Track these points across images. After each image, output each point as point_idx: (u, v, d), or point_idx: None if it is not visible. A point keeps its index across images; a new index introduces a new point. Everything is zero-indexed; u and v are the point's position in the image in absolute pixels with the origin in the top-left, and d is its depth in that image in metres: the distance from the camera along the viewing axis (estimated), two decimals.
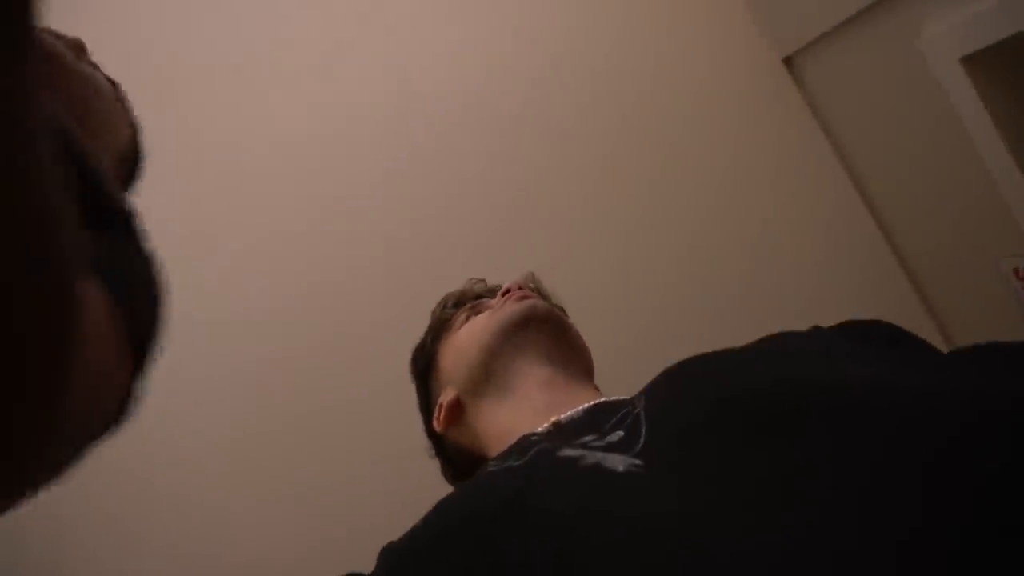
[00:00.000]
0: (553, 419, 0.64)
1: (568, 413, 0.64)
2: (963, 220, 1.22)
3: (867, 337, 0.63)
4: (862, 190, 1.41)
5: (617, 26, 1.42)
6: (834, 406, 0.44)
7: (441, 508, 0.54)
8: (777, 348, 0.64)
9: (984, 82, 1.05)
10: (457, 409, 0.79)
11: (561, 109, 1.37)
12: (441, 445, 0.85)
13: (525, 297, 0.80)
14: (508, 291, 0.82)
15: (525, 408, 0.70)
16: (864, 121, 1.35)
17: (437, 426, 0.81)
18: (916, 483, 0.37)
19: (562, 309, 0.88)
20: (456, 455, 0.82)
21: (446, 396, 0.80)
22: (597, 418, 0.59)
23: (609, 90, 1.39)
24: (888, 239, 1.38)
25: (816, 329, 0.67)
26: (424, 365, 0.88)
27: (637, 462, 0.48)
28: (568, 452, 0.53)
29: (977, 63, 1.06)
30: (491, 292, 0.91)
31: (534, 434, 0.62)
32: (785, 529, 0.37)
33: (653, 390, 0.60)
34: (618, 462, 0.49)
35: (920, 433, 0.39)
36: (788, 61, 1.44)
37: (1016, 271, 1.10)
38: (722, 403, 0.49)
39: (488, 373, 0.75)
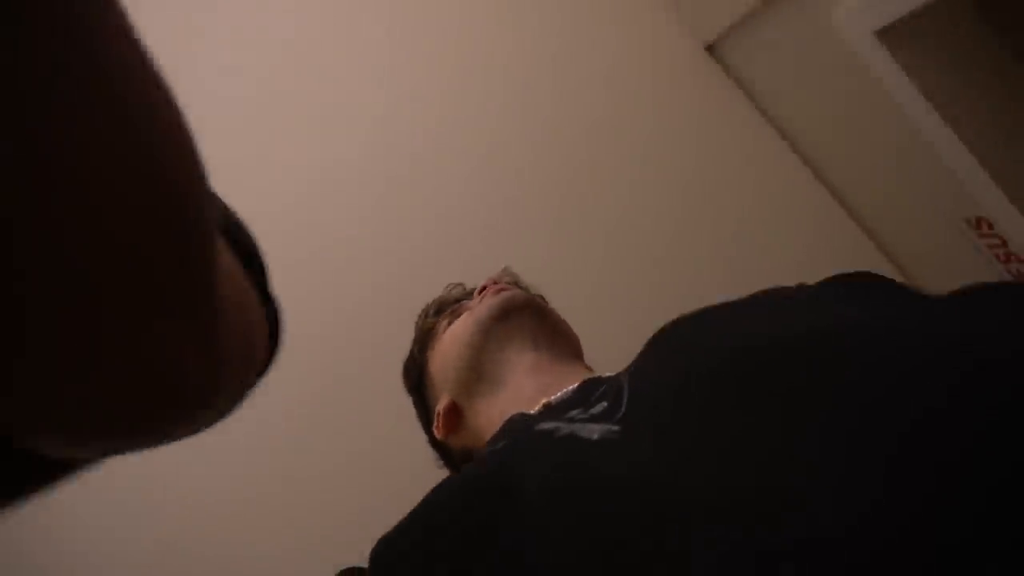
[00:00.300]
0: (543, 401, 0.63)
1: (558, 394, 0.63)
2: (913, 183, 1.26)
3: (853, 283, 0.63)
4: (810, 164, 1.44)
5: (542, 32, 1.44)
6: (823, 358, 0.44)
7: (431, 496, 0.53)
8: (766, 304, 0.63)
9: (902, 53, 1.08)
10: (454, 413, 0.78)
11: (492, 109, 1.37)
12: (447, 453, 0.83)
13: (502, 290, 0.80)
14: (484, 288, 0.82)
15: (517, 397, 0.69)
16: (799, 101, 1.39)
17: (438, 434, 0.80)
18: (910, 440, 0.35)
19: (542, 298, 0.88)
20: (462, 460, 0.80)
21: (442, 403, 0.79)
22: (586, 394, 0.59)
23: (539, 95, 1.40)
24: (843, 205, 1.43)
25: (801, 285, 0.68)
26: (416, 377, 0.86)
27: (614, 428, 0.48)
28: (544, 426, 0.53)
29: (892, 35, 1.10)
30: (469, 294, 0.90)
31: (519, 414, 0.61)
32: (757, 494, 0.36)
33: (638, 358, 0.61)
34: (594, 431, 0.48)
35: (915, 386, 0.38)
36: (711, 48, 1.48)
37: (969, 221, 1.16)
38: (707, 366, 0.49)
39: (477, 370, 0.74)
